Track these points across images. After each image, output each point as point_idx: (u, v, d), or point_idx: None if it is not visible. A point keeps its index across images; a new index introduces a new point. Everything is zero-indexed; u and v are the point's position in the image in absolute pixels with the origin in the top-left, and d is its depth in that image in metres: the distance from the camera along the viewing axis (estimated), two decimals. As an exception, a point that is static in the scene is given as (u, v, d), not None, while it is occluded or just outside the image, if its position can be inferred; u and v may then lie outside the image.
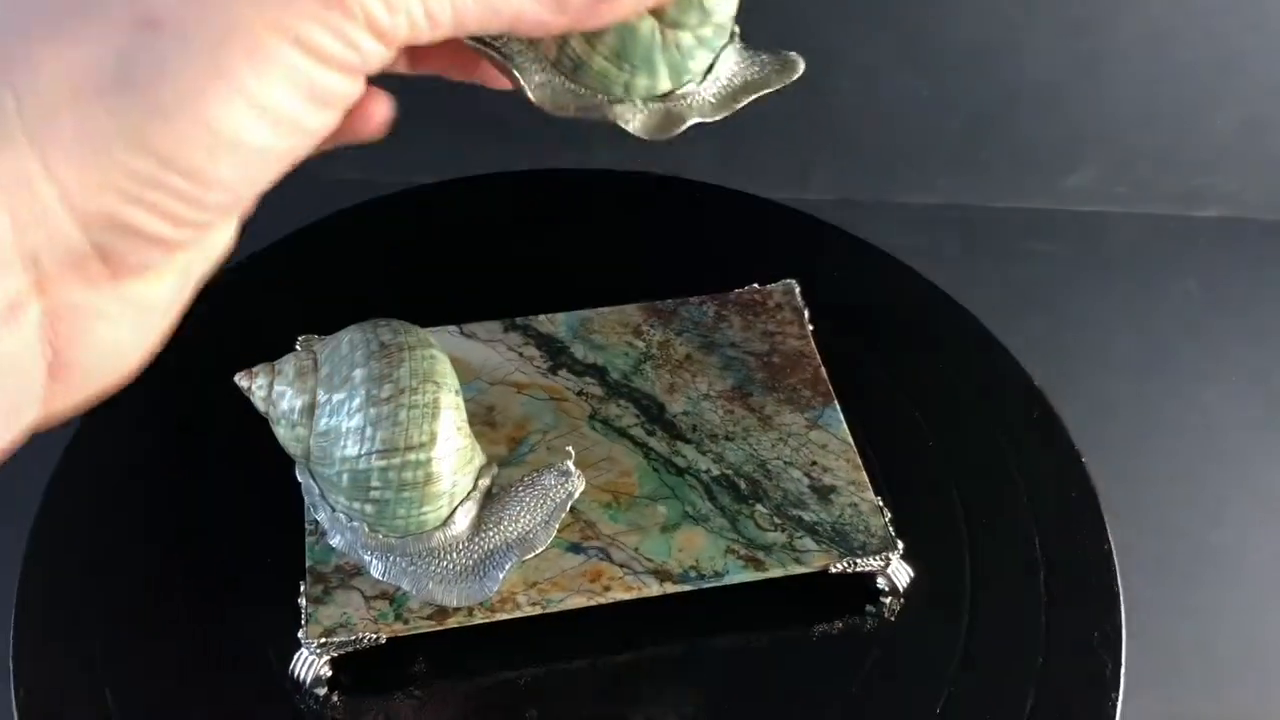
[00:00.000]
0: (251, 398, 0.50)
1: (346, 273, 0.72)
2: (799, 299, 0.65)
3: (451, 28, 0.26)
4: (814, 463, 0.57)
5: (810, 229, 0.77)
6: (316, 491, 0.51)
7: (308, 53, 0.24)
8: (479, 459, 0.51)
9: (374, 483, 0.48)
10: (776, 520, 0.55)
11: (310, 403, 0.49)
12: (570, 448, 0.52)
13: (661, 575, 0.52)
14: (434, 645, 0.52)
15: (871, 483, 0.57)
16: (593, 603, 0.52)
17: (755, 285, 0.66)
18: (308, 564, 0.52)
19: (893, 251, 0.76)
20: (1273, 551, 0.96)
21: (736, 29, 0.41)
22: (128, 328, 0.26)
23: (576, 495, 0.51)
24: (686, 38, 0.38)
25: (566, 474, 0.51)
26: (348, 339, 0.49)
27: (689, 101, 0.40)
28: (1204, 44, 1.09)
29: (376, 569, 0.50)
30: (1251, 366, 1.11)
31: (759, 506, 0.55)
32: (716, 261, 0.71)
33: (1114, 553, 0.59)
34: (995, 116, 1.16)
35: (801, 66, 0.43)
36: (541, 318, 0.63)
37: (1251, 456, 1.03)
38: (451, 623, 0.51)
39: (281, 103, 0.24)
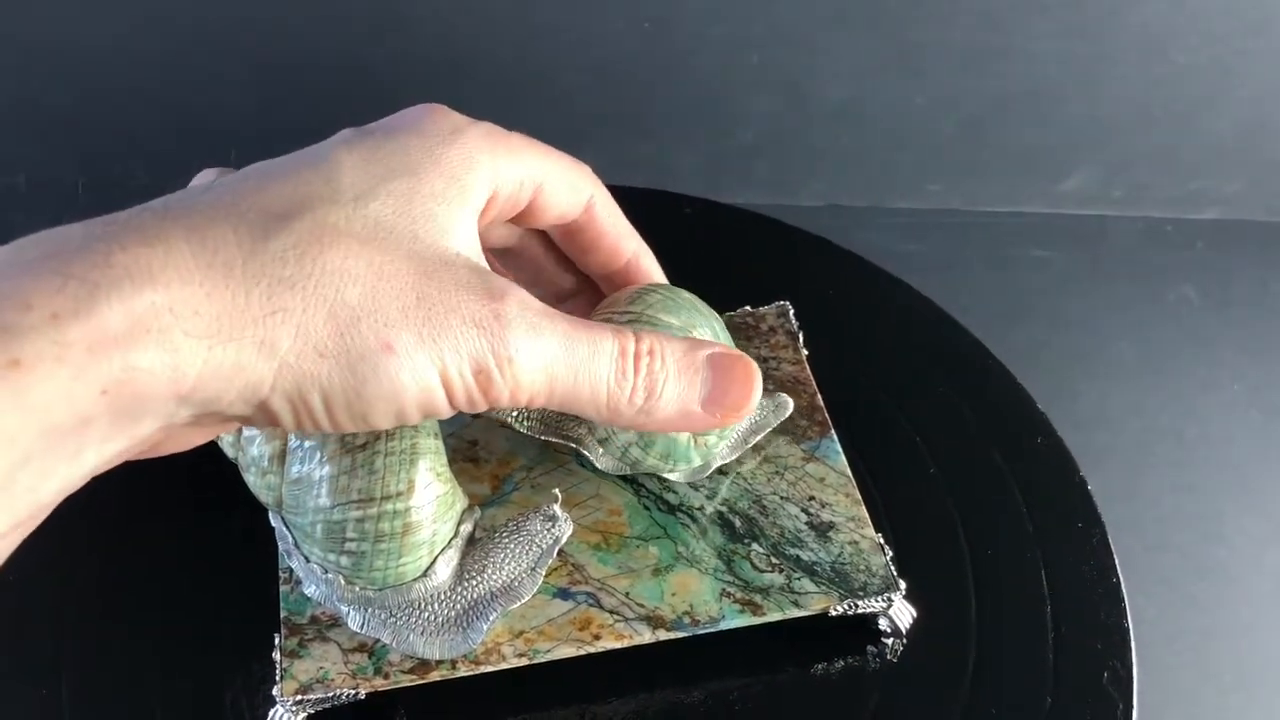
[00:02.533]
0: (219, 443, 0.47)
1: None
2: (793, 321, 0.63)
3: (524, 405, 0.40)
4: (811, 497, 0.55)
5: (802, 244, 0.75)
6: (290, 539, 0.48)
7: (453, 404, 0.37)
8: (460, 503, 0.49)
9: (349, 534, 0.45)
10: (773, 560, 0.53)
11: (281, 449, 0.46)
12: (557, 490, 0.49)
13: (654, 622, 0.50)
14: (415, 699, 0.49)
15: (871, 516, 0.55)
16: (582, 653, 0.49)
17: (747, 308, 0.63)
18: (282, 614, 0.50)
19: (885, 258, 0.73)
20: (1275, 568, 0.94)
21: None
22: (203, 436, 0.41)
23: (564, 540, 0.49)
24: (711, 438, 0.53)
25: (553, 518, 0.49)
26: (320, 380, 0.47)
27: (714, 458, 0.55)
28: (1202, 47, 1.06)
29: (354, 621, 0.48)
30: (1251, 374, 1.09)
31: (755, 546, 0.53)
32: (706, 280, 0.68)
33: (1123, 586, 0.57)
34: (989, 120, 1.14)
35: (791, 405, 0.57)
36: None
37: (1251, 468, 1.01)
38: (434, 676, 0.48)
39: (411, 415, 0.36)
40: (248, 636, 0.51)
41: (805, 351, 0.62)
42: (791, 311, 0.63)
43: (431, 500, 0.46)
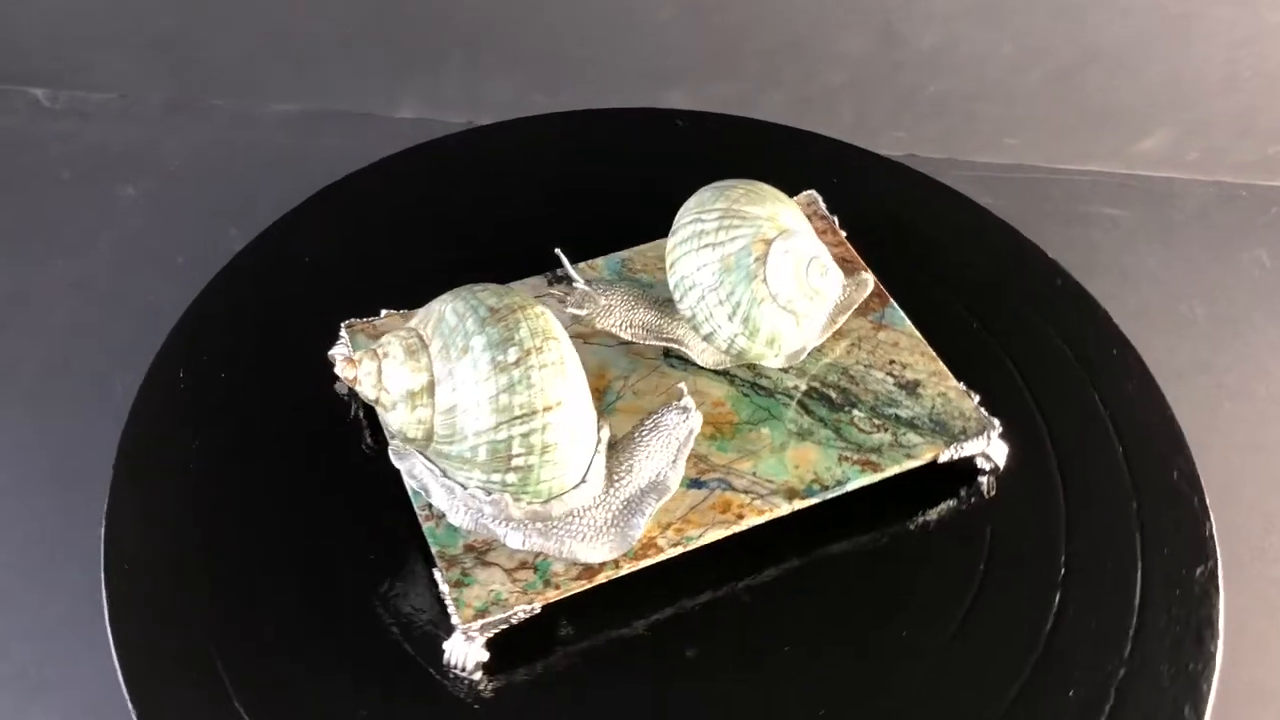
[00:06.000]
0: (358, 387, 0.47)
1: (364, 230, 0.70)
2: (824, 208, 0.66)
3: None
4: (892, 361, 0.59)
5: (882, 169, 0.76)
6: (437, 473, 0.48)
7: None
8: (593, 410, 0.50)
9: (515, 450, 0.46)
10: (876, 421, 0.56)
11: (429, 380, 0.46)
12: (683, 385, 0.51)
13: (788, 494, 0.53)
14: (572, 607, 0.51)
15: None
16: (730, 532, 0.51)
17: (777, 201, 0.66)
18: (433, 550, 0.50)
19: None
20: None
21: None
22: None
23: (698, 430, 0.51)
24: (812, 317, 0.55)
25: (686, 410, 0.51)
26: (450, 309, 0.47)
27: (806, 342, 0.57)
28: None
29: (514, 539, 0.49)
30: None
31: (856, 411, 0.56)
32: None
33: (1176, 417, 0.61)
34: (1074, 74, 1.13)
35: (872, 282, 0.60)
36: (581, 265, 0.62)
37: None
38: (601, 578, 0.49)
39: None
40: (380, 584, 0.51)
41: (843, 233, 0.65)
42: (821, 200, 0.66)
43: (585, 406, 0.47)
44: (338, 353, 0.59)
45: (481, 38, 1.13)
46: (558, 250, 0.56)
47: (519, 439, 0.46)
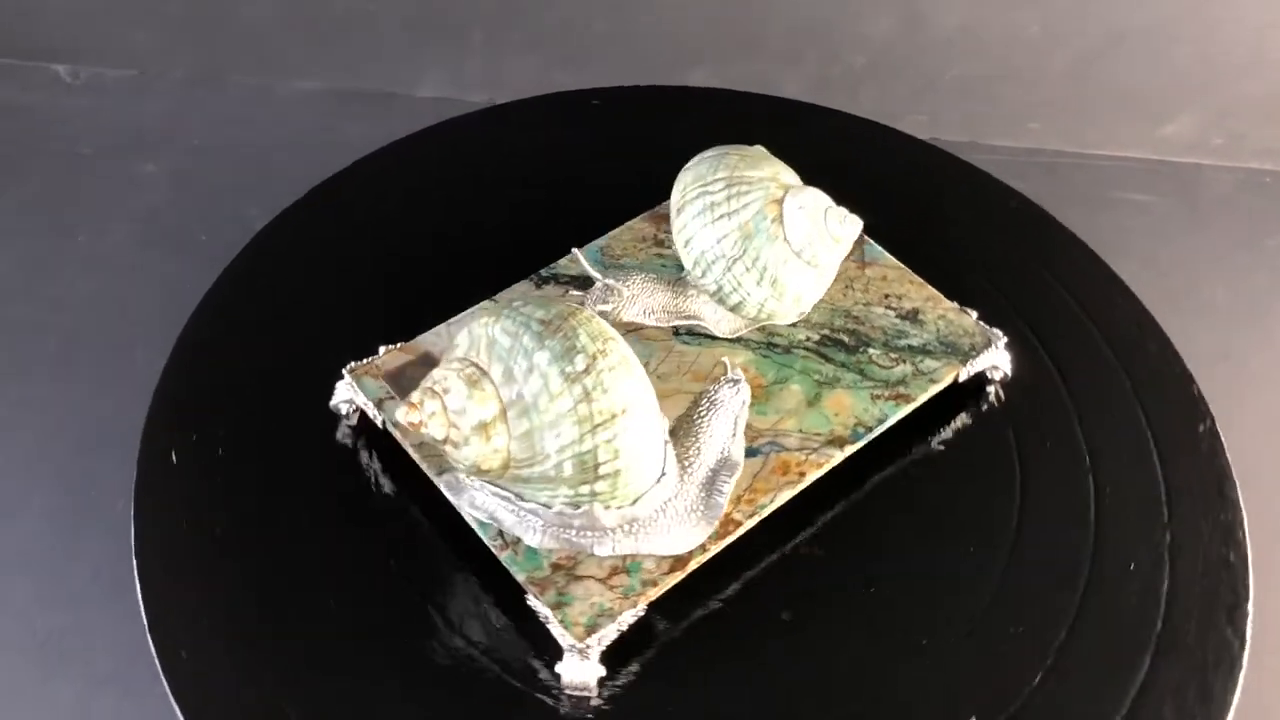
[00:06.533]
0: (427, 429, 0.45)
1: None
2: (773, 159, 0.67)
3: None
4: (886, 295, 0.60)
5: (907, 146, 0.76)
6: (511, 496, 0.47)
7: None
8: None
9: (602, 457, 0.45)
10: (892, 355, 0.57)
11: (500, 408, 0.44)
12: (726, 359, 0.52)
13: (837, 442, 0.54)
14: (661, 602, 0.50)
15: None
16: (797, 491, 0.52)
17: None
18: (519, 578, 0.48)
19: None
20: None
21: None
22: None
23: (749, 400, 0.51)
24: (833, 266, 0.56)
25: (736, 382, 0.51)
26: (498, 329, 0.45)
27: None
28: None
29: (602, 548, 0.48)
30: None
31: (871, 350, 0.58)
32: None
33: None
34: (1099, 58, 1.12)
35: (861, 224, 0.56)
36: (563, 261, 0.61)
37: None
38: (693, 565, 0.49)
39: None
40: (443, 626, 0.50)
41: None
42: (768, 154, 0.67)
43: (653, 400, 0.47)
44: (341, 402, 0.56)
45: (503, 16, 1.13)
46: (575, 249, 0.55)
47: (604, 446, 0.45)
